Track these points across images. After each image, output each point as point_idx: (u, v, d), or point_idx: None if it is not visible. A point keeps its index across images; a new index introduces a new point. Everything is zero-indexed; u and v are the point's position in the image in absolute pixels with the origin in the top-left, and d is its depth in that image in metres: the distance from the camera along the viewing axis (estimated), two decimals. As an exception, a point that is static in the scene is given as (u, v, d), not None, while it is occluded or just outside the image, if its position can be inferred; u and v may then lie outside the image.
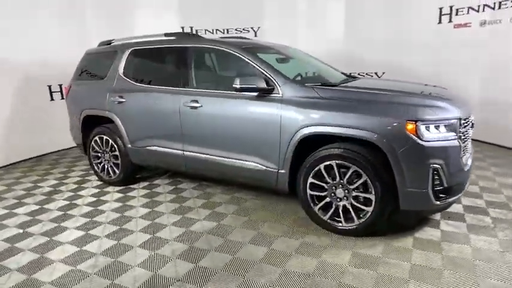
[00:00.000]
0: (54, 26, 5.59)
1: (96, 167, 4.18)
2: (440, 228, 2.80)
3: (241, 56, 3.11)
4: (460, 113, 2.52)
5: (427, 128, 2.38)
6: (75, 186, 4.14)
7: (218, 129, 3.17)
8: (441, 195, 2.45)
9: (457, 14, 5.44)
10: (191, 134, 3.35)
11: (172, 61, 3.62)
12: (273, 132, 2.85)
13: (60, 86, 5.73)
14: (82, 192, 3.91)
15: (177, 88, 3.42)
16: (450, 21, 5.54)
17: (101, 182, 4.19)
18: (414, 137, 2.35)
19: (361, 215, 2.64)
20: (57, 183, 4.27)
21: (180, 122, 3.37)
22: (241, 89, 2.87)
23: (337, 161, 2.62)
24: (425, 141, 2.36)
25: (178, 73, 3.47)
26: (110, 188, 4.00)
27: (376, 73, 6.37)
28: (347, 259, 2.43)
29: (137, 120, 3.69)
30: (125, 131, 3.79)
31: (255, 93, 2.93)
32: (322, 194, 2.75)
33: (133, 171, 4.04)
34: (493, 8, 4.99)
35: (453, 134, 2.44)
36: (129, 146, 3.82)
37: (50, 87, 5.67)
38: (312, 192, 2.78)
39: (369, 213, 2.59)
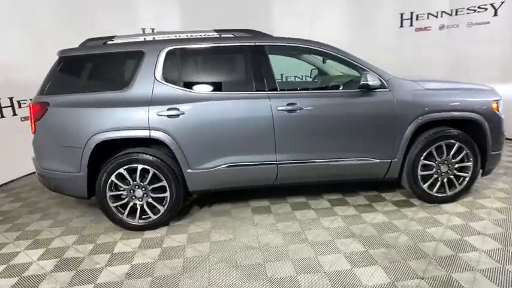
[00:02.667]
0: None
1: (117, 212, 2.99)
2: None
3: (337, 55, 3.09)
4: None
5: (499, 105, 3.22)
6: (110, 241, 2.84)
7: (324, 131, 3.03)
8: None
9: (417, 19, 6.21)
10: (288, 140, 3.01)
11: (243, 62, 3.07)
12: (389, 125, 3.04)
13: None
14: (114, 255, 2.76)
15: (264, 92, 2.98)
16: (411, 25, 6.29)
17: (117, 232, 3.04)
18: (497, 112, 3.14)
19: (459, 182, 3.23)
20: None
21: (273, 129, 2.97)
22: (365, 86, 2.90)
23: (445, 141, 3.11)
24: (500, 115, 3.19)
25: (258, 75, 3.01)
26: (150, 235, 2.99)
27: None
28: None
29: (205, 137, 2.93)
30: (184, 152, 2.93)
31: (358, 90, 3.02)
32: (431, 172, 3.18)
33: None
34: (451, 14, 5.87)
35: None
36: (189, 170, 2.99)
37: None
38: (423, 173, 3.17)
39: (467, 179, 3.22)
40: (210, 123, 2.92)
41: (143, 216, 3.03)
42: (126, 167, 2.91)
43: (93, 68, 3.06)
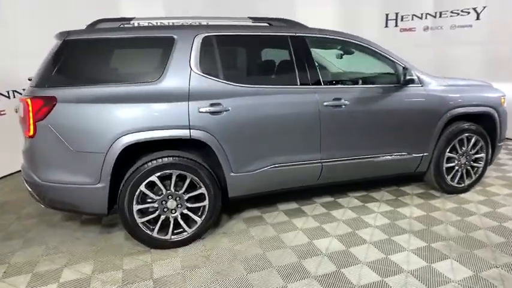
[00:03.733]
0: None
1: (145, 229, 2.50)
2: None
3: (374, 49, 3.04)
4: None
5: (505, 100, 3.52)
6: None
7: (367, 127, 2.95)
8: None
9: (402, 20, 6.31)
10: (334, 137, 2.86)
11: (287, 53, 2.79)
12: (423, 120, 3.10)
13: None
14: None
15: (310, 86, 2.77)
16: (396, 25, 6.39)
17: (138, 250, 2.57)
18: (504, 106, 3.43)
19: (474, 172, 3.46)
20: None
21: (319, 126, 2.79)
22: (411, 81, 2.90)
23: (466, 134, 3.29)
24: (505, 109, 3.49)
25: (302, 68, 2.78)
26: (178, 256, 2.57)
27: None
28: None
29: (251, 135, 2.62)
30: (227, 153, 2.57)
31: (398, 85, 3.03)
32: (453, 164, 3.34)
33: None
34: (435, 16, 6.02)
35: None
36: (232, 174, 2.63)
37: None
38: (447, 165, 3.31)
39: (480, 169, 3.46)
40: (257, 120, 2.62)
41: (175, 231, 2.59)
42: (159, 173, 2.44)
43: (112, 55, 2.50)
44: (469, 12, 5.68)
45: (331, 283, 2.15)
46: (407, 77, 2.92)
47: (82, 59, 2.41)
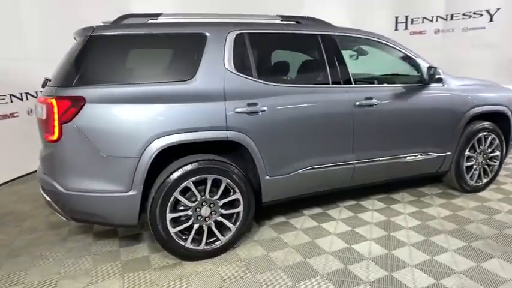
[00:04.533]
0: None
1: (178, 239, 2.32)
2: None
3: (399, 48, 3.03)
4: None
5: None
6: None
7: (397, 127, 2.92)
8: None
9: (412, 23, 6.28)
10: (366, 137, 2.80)
11: (318, 52, 2.71)
12: (447, 119, 3.12)
13: None
14: None
15: (342, 86, 2.71)
16: (406, 28, 6.35)
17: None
18: None
19: (490, 169, 3.51)
20: None
21: (352, 126, 2.72)
22: (439, 80, 2.91)
23: (484, 133, 3.33)
24: None
25: (333, 67, 2.71)
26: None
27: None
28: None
29: (287, 137, 2.50)
30: (263, 156, 2.44)
31: (423, 84, 3.03)
32: (472, 163, 3.38)
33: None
34: (446, 19, 5.99)
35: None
36: (267, 177, 2.50)
37: None
38: (467, 164, 3.34)
39: (495, 167, 3.52)
40: (292, 120, 2.51)
41: (208, 240, 2.41)
42: (194, 178, 2.27)
43: (142, 53, 2.32)
44: (481, 14, 5.55)
45: (386, 288, 2.07)
46: (436, 76, 2.92)
47: (110, 56, 2.21)
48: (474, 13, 5.71)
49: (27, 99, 4.34)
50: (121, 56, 2.25)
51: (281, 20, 2.76)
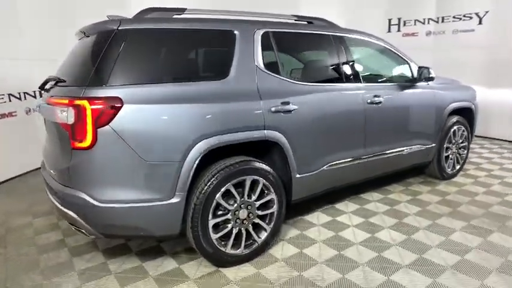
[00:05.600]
0: None
1: (219, 245, 2.22)
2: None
3: (394, 50, 3.30)
4: None
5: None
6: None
7: (399, 122, 3.18)
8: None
9: (405, 25, 6.50)
10: (374, 134, 2.99)
11: (335, 52, 2.82)
12: (433, 114, 3.48)
13: None
14: None
15: (355, 84, 2.86)
16: (399, 30, 6.56)
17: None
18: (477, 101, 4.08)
19: (461, 158, 4.00)
20: None
21: (364, 123, 2.89)
22: (432, 79, 3.22)
23: (457, 126, 3.79)
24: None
25: (347, 67, 2.86)
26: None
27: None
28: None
29: (316, 134, 2.56)
30: (294, 154, 2.46)
31: (410, 83, 3.35)
32: (448, 153, 3.82)
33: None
34: (437, 21, 6.17)
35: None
36: (298, 176, 2.53)
37: None
38: (446, 154, 3.77)
39: (465, 155, 4.02)
40: (319, 118, 2.58)
41: (245, 243, 2.35)
42: (235, 181, 2.19)
43: (174, 48, 2.15)
44: (471, 17, 5.74)
45: (424, 269, 2.24)
46: (429, 76, 3.24)
47: (143, 53, 2.03)
48: (464, 16, 5.86)
49: (25, 98, 4.40)
50: (153, 52, 2.09)
51: (295, 20, 2.80)
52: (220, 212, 2.21)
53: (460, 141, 3.91)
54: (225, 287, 2.12)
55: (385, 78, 3.30)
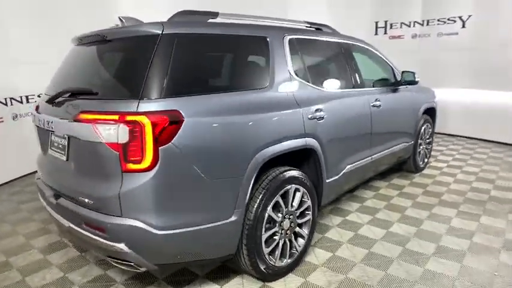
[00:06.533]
0: None
1: (269, 259, 2.16)
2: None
3: (382, 56, 3.56)
4: None
5: None
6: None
7: (393, 122, 3.46)
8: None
9: (391, 28, 6.64)
10: (377, 134, 3.20)
11: (345, 58, 2.94)
12: (413, 113, 3.87)
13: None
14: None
15: (361, 89, 3.04)
16: (385, 33, 6.71)
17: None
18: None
19: (429, 151, 4.50)
20: None
21: (370, 125, 3.08)
22: (416, 83, 3.55)
23: (426, 124, 4.26)
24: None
25: (354, 72, 3.02)
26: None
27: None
28: (452, 172, 4.37)
29: (341, 139, 2.67)
30: (325, 159, 2.50)
31: (392, 86, 3.66)
32: (420, 148, 4.27)
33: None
34: (422, 25, 6.38)
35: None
36: (327, 181, 2.58)
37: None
38: (419, 149, 4.21)
39: (431, 148, 4.55)
40: (343, 123, 2.69)
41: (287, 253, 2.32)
42: (281, 192, 2.15)
43: (217, 55, 2.02)
44: (455, 21, 5.96)
45: (449, 256, 2.48)
46: (417, 79, 3.58)
47: (191, 60, 1.85)
48: (448, 19, 6.06)
49: (11, 104, 4.29)
50: (201, 59, 1.93)
51: (307, 26, 2.85)
52: (268, 225, 2.14)
53: (427, 137, 4.40)
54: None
55: (380, 83, 3.56)
